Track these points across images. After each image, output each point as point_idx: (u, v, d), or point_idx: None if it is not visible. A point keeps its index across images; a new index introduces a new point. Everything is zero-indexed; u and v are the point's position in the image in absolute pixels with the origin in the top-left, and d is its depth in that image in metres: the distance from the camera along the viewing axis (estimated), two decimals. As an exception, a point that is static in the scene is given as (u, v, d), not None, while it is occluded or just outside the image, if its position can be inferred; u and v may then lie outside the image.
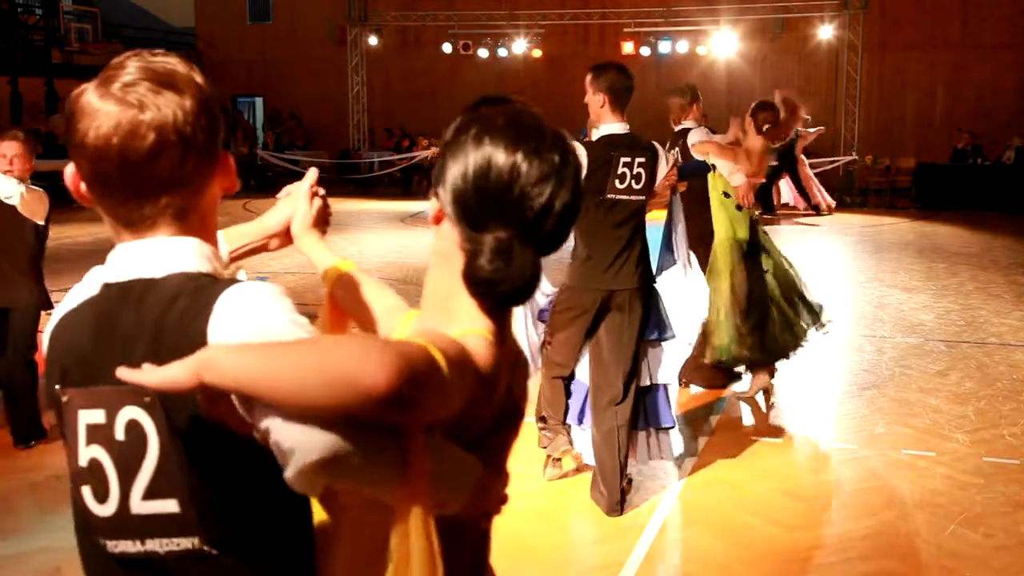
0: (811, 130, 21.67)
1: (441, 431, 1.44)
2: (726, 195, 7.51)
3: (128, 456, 1.54)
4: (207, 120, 1.60)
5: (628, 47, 26.73)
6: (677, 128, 8.18)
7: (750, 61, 27.31)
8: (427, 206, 1.65)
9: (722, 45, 26.74)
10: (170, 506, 1.53)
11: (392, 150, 29.69)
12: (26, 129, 18.62)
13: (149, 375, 1.30)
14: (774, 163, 14.90)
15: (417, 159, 28.25)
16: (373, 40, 29.75)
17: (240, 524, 1.54)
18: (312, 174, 2.15)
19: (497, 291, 1.52)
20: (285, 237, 2.15)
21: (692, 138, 7.91)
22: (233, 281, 1.58)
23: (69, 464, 1.62)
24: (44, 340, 1.71)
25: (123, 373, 1.32)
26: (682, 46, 26.56)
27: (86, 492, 1.59)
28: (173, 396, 1.38)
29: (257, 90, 32.78)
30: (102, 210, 1.62)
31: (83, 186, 1.60)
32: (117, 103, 1.54)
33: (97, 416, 1.55)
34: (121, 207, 1.59)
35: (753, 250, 7.59)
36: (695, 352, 8.16)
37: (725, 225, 7.50)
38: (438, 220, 1.63)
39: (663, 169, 5.73)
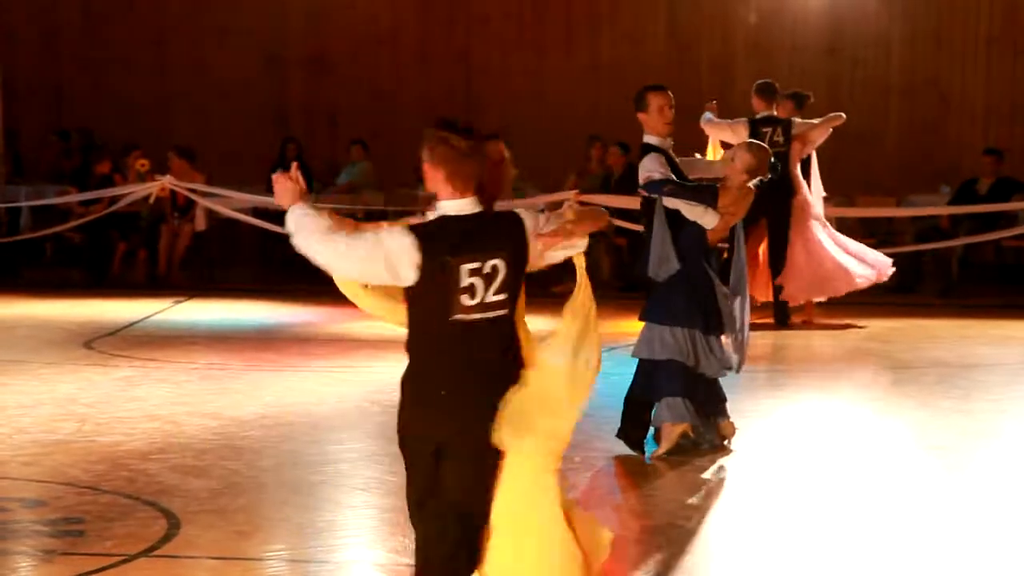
0: None
1: None
2: None
3: (490, 278, 3.78)
4: None
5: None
6: None
7: None
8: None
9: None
10: (502, 296, 3.80)
11: (67, 178, 16.07)
12: None
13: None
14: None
15: (128, 199, 13.46)
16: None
17: (514, 304, 3.87)
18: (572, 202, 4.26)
19: None
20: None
21: None
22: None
23: (445, 294, 3.77)
24: (407, 241, 3.73)
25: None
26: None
27: (464, 297, 3.75)
28: (516, 252, 3.81)
29: None
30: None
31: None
32: None
33: (474, 264, 3.75)
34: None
35: None
36: None
37: None
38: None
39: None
